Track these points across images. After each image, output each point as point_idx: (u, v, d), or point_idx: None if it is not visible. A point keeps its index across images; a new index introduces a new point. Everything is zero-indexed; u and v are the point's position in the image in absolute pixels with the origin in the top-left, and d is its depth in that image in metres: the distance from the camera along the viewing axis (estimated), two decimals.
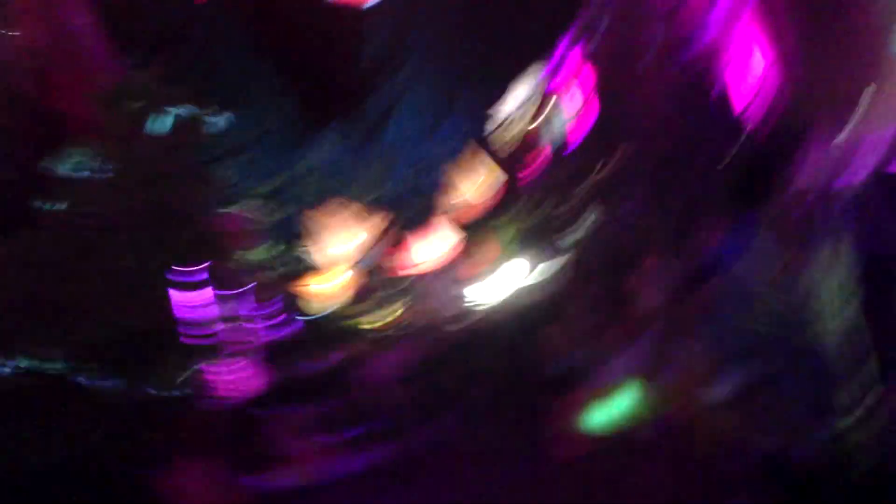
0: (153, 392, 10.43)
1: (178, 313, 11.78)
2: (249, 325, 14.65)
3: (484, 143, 19.22)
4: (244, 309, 15.06)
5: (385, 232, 13.33)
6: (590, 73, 13.67)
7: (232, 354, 12.86)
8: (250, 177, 31.71)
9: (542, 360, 10.45)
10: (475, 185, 17.79)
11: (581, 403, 5.35)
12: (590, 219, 13.76)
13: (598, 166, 13.80)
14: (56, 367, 9.79)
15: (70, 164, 11.79)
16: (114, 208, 11.27)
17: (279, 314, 23.50)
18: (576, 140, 14.96)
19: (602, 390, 4.93)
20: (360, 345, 24.34)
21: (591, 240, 10.91)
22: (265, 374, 13.38)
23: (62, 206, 10.79)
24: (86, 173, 11.81)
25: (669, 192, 9.80)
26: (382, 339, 19.58)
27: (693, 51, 11.75)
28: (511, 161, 25.11)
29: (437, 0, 31.03)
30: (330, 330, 27.31)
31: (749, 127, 9.65)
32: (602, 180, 12.72)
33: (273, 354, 15.73)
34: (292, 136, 32.85)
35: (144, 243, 11.29)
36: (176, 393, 10.65)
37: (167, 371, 10.59)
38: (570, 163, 12.87)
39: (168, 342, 10.84)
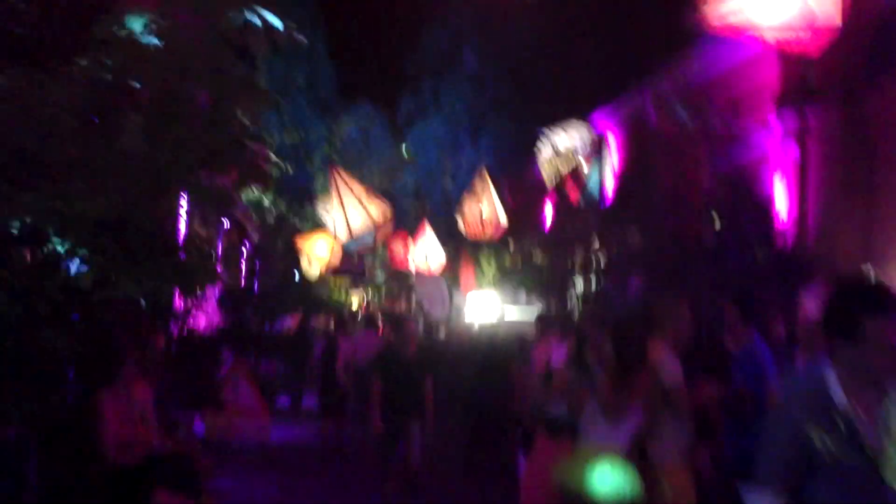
0: None
1: None
2: None
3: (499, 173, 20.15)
4: None
5: (382, 224, 14.12)
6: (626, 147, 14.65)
7: None
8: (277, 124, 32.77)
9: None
10: (482, 208, 18.75)
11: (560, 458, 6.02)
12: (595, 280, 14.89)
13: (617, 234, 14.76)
14: None
15: None
16: None
17: None
18: (606, 200, 15.74)
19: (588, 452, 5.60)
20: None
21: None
22: None
23: None
24: None
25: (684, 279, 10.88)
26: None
27: (736, 160, 12.84)
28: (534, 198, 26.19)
29: (504, 34, 32.40)
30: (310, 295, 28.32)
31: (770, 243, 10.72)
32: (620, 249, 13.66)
33: None
34: (326, 94, 33.98)
35: None
36: None
37: None
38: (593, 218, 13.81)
39: None
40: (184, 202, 8.65)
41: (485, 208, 18.57)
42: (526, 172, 27.87)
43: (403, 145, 34.71)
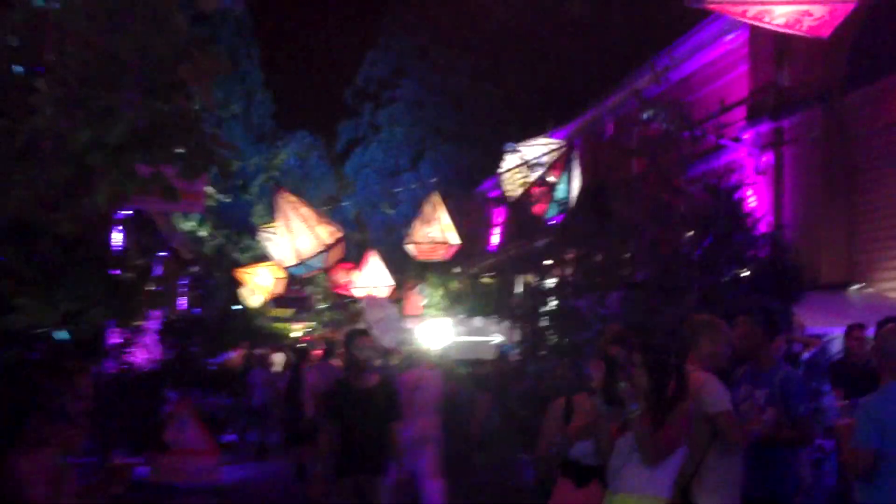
0: None
1: None
2: None
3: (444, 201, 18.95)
4: None
5: (331, 246, 12.84)
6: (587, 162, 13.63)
7: None
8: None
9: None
10: (434, 229, 17.54)
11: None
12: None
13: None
14: None
15: None
16: None
17: None
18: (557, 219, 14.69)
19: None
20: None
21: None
22: None
23: None
24: None
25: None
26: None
27: (713, 167, 11.90)
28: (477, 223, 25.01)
29: (445, 62, 31.57)
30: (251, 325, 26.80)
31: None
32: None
33: None
34: (263, 123, 32.66)
35: None
36: None
37: None
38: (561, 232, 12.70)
39: None
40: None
41: (436, 229, 17.37)
42: (469, 197, 26.82)
43: (342, 173, 33.40)
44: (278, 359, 21.99)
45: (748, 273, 9.38)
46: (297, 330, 31.38)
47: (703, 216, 9.38)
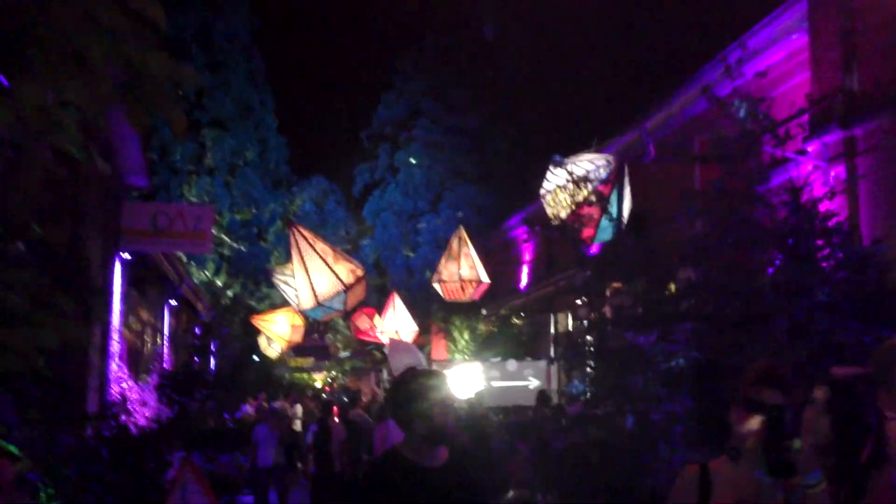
0: None
1: None
2: None
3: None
4: None
5: (351, 285, 11.36)
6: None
7: None
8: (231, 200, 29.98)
9: None
10: (461, 267, 15.99)
11: None
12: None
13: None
14: None
15: None
16: None
17: None
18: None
19: None
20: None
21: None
22: None
23: None
24: None
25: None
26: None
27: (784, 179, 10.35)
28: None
29: (462, 102, 30.29)
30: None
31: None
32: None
33: None
34: (278, 168, 31.37)
35: None
36: None
37: None
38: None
39: None
40: None
41: (464, 267, 15.84)
42: (491, 237, 25.26)
43: (360, 217, 31.95)
44: (299, 411, 20.40)
45: (841, 298, 7.81)
46: (317, 380, 29.70)
47: (786, 233, 7.86)
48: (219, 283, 29.02)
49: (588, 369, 9.88)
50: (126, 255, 12.23)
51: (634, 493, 8.50)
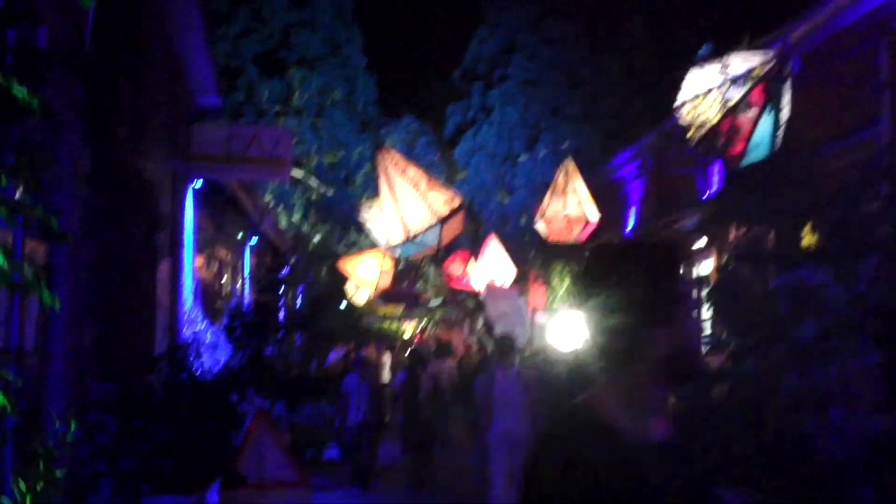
0: None
1: None
2: None
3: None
4: None
5: (447, 217, 9.74)
6: None
7: None
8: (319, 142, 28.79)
9: None
10: (568, 204, 14.28)
11: None
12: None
13: None
14: None
15: None
16: None
17: None
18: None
19: None
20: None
21: None
22: None
23: None
24: None
25: None
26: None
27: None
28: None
29: (560, 35, 28.20)
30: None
31: None
32: None
33: None
34: (366, 109, 30.02)
35: None
36: None
37: None
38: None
39: None
40: None
41: (571, 204, 14.17)
42: (595, 177, 23.39)
43: (452, 160, 30.36)
44: (386, 360, 19.19)
45: None
46: (406, 329, 28.51)
47: None
48: (306, 228, 27.99)
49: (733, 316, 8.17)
50: (198, 184, 10.97)
51: (798, 464, 6.89)
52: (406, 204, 10.03)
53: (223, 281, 13.31)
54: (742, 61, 7.76)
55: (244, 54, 26.84)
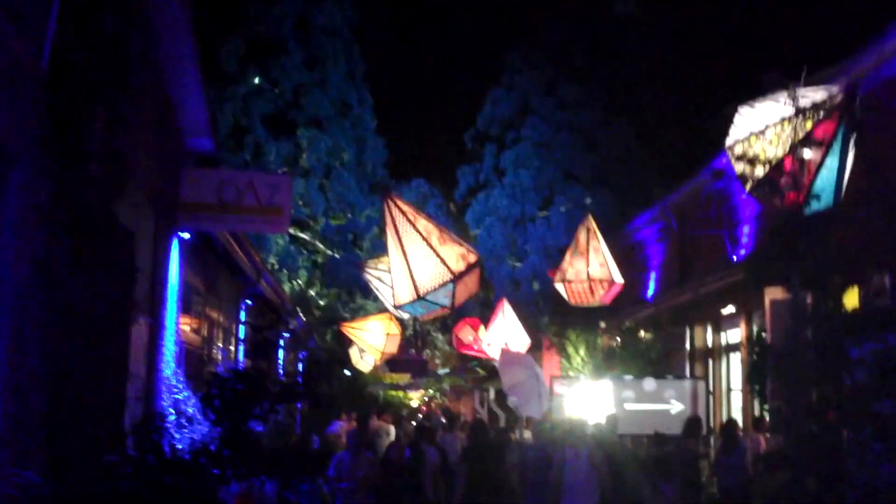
0: None
1: None
2: None
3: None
4: None
5: (461, 274, 8.56)
6: None
7: None
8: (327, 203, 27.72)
9: None
10: (590, 264, 13.09)
11: None
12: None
13: None
14: None
15: None
16: None
17: None
18: None
19: None
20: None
21: None
22: None
23: None
24: None
25: None
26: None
27: None
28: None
29: (575, 98, 27.30)
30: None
31: None
32: None
33: None
34: (376, 171, 28.96)
35: None
36: None
37: None
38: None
39: None
40: None
41: (593, 264, 12.97)
42: (611, 241, 22.22)
43: (463, 223, 29.24)
44: (392, 432, 17.80)
45: None
46: (413, 398, 27.07)
47: None
48: (311, 293, 26.82)
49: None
50: (186, 236, 9.80)
51: None
52: (416, 259, 8.85)
53: (214, 345, 12.06)
54: (805, 96, 6.64)
55: (253, 113, 26.06)
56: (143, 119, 8.40)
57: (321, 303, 26.43)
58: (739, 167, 6.79)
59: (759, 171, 6.63)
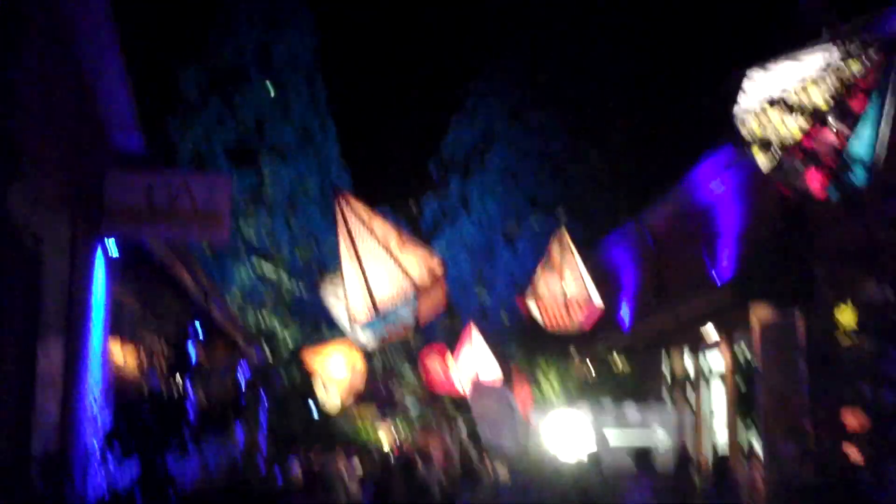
0: None
1: None
2: None
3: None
4: None
5: (425, 287, 7.19)
6: None
7: None
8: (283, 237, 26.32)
9: None
10: (565, 284, 11.76)
11: None
12: None
13: None
14: None
15: None
16: None
17: None
18: None
19: None
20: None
21: None
22: None
23: None
24: None
25: None
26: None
27: None
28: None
29: (540, 124, 26.25)
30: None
31: None
32: None
33: None
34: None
35: None
36: None
37: None
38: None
39: None
40: None
41: (568, 281, 11.63)
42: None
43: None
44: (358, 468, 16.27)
45: None
46: (382, 431, 25.39)
47: None
48: (276, 324, 25.21)
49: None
50: (113, 248, 8.35)
51: None
52: (373, 269, 7.47)
53: (158, 375, 10.52)
54: (824, 57, 5.39)
55: (214, 143, 24.64)
56: (51, 105, 6.99)
57: (286, 334, 24.84)
58: (750, 141, 5.51)
59: (779, 144, 5.35)
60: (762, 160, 5.52)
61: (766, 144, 5.44)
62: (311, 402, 20.78)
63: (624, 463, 11.41)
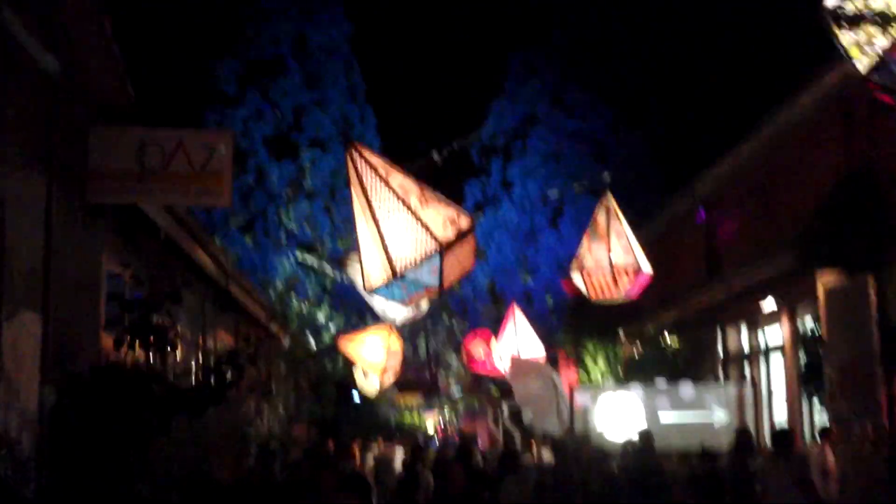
0: None
1: None
2: None
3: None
4: None
5: (450, 243, 5.97)
6: None
7: None
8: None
9: None
10: (612, 251, 10.35)
11: None
12: None
13: None
14: None
15: None
16: None
17: None
18: None
19: None
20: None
21: None
22: None
23: None
24: None
25: None
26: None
27: None
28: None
29: (582, 106, 24.90)
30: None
31: None
32: None
33: None
34: None
35: None
36: None
37: None
38: None
39: None
40: None
41: (615, 249, 10.29)
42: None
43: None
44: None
45: None
46: (429, 419, 24.19)
47: None
48: (320, 316, 24.20)
49: None
50: (100, 213, 7.21)
51: None
52: (390, 227, 6.25)
53: (170, 360, 9.42)
54: None
55: (254, 136, 23.71)
56: (11, 47, 5.87)
57: (331, 326, 23.84)
58: (847, 37, 4.18)
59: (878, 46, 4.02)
60: (861, 61, 4.19)
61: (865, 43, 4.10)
62: (352, 389, 19.69)
63: (679, 443, 10.02)
